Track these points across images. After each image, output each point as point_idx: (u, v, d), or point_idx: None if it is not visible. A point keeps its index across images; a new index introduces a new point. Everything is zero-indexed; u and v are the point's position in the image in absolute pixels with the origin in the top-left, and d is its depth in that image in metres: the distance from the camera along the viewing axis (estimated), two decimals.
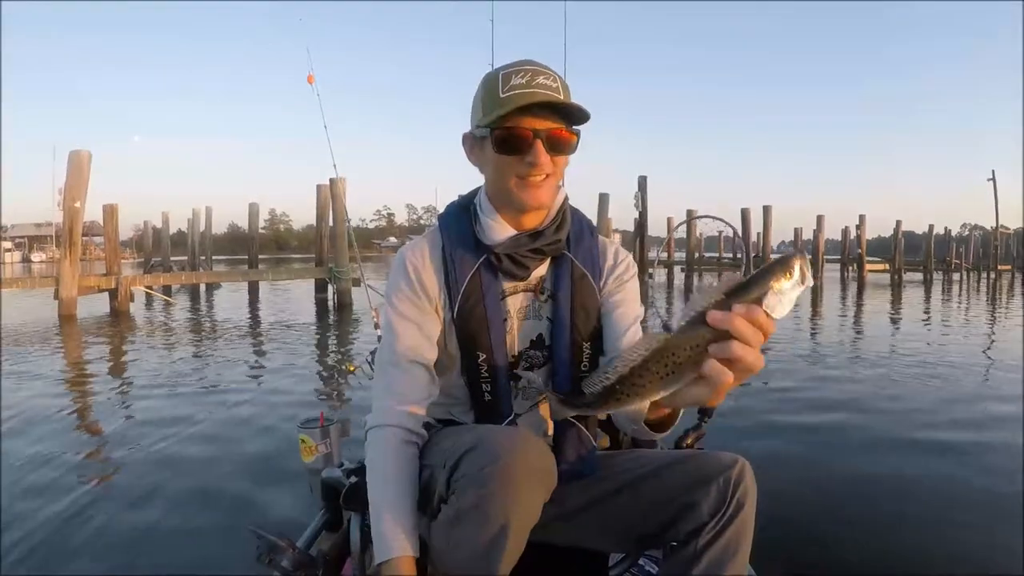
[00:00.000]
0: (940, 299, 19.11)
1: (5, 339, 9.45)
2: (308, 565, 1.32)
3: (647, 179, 18.64)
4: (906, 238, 32.67)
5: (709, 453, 1.27)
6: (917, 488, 3.44)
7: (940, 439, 4.32)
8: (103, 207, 15.58)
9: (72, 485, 3.45)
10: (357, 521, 1.40)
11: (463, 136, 1.32)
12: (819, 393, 5.78)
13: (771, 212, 25.93)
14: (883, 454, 4.04)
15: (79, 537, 2.83)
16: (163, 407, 5.21)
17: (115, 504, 3.20)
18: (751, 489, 1.19)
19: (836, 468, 3.77)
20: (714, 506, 1.17)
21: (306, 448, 1.72)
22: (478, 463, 1.04)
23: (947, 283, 27.82)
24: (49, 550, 2.71)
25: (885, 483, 3.51)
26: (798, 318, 12.10)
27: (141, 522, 2.98)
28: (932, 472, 3.68)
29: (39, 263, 53.38)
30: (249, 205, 24.64)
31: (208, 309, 15.38)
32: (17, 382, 6.28)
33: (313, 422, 1.74)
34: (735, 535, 1.17)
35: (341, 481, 1.48)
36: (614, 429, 1.66)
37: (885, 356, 8.00)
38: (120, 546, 2.75)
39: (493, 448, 1.04)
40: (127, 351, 8.70)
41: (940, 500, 3.28)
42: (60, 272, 12.58)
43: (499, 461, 1.02)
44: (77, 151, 12.50)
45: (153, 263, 29.79)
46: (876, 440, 4.32)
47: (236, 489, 3.37)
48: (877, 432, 4.52)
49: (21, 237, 67.20)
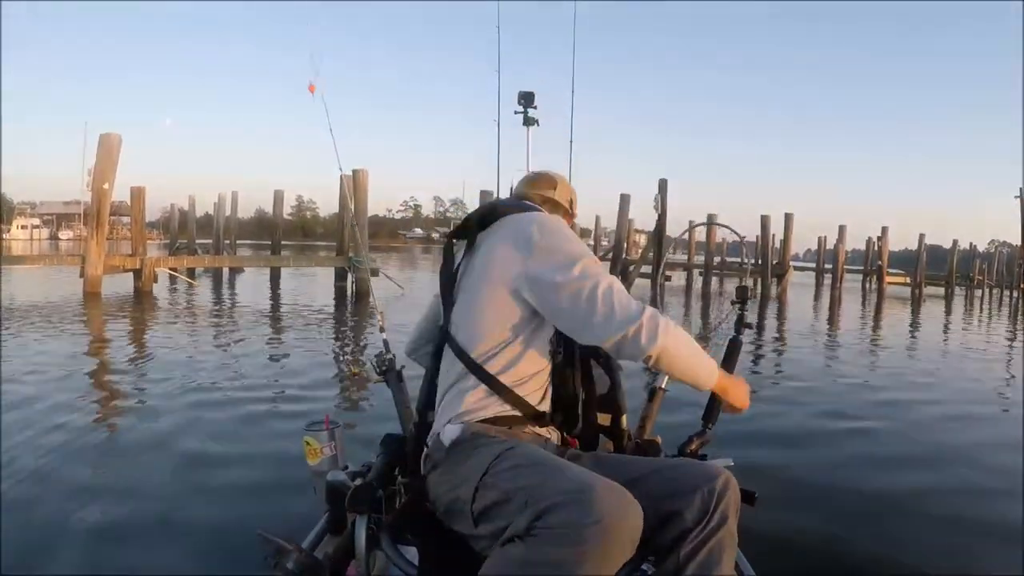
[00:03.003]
0: (960, 316, 18.81)
1: (32, 312, 9.71)
2: (313, 568, 1.31)
3: (667, 182, 18.50)
4: (933, 252, 32.10)
5: (696, 463, 1.32)
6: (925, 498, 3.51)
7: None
8: (131, 189, 15.87)
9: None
10: (362, 524, 1.39)
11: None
12: (823, 407, 5.76)
13: (792, 220, 25.50)
14: (894, 465, 4.09)
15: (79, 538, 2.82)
16: (162, 396, 5.23)
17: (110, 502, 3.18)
18: (735, 500, 1.24)
19: (840, 475, 3.83)
20: (697, 516, 1.20)
21: (311, 450, 1.73)
22: (576, 518, 1.00)
23: (969, 299, 27.33)
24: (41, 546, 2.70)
25: (892, 494, 3.57)
26: (815, 329, 11.92)
27: (140, 521, 2.97)
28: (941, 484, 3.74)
29: (66, 240, 54.13)
30: (274, 192, 24.83)
31: (229, 293, 15.57)
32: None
33: (318, 424, 1.76)
34: (718, 544, 1.20)
35: (346, 484, 1.48)
36: (618, 434, 1.69)
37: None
38: (114, 541, 2.77)
39: (596, 507, 1.01)
40: (144, 330, 8.90)
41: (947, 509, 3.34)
42: (87, 251, 12.83)
43: (601, 522, 1.00)
44: (108, 134, 12.74)
45: (179, 245, 30.12)
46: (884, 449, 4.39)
47: (236, 489, 3.36)
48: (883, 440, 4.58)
49: (49, 215, 68.04)
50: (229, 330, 9.32)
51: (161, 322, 9.98)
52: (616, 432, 1.69)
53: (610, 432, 1.68)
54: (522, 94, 3.20)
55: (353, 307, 12.90)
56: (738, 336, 1.91)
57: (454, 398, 1.40)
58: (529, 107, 3.20)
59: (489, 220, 1.46)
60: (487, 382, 1.37)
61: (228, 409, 4.86)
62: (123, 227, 43.19)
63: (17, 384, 5.32)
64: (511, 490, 1.13)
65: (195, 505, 3.11)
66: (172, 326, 9.55)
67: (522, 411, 1.40)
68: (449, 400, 1.41)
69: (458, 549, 1.28)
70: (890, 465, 4.15)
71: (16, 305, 10.90)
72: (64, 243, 51.48)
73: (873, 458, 4.28)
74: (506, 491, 1.14)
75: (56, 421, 4.31)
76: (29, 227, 61.30)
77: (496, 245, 1.40)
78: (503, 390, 1.37)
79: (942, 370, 8.41)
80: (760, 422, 4.77)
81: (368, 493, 1.40)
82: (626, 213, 20.80)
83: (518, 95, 3.21)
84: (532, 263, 1.33)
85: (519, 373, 1.39)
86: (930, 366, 8.69)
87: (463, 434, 1.33)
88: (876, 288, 27.96)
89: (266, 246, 26.11)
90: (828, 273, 29.37)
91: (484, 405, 1.37)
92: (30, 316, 9.59)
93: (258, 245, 36.29)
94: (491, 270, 1.38)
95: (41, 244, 51.95)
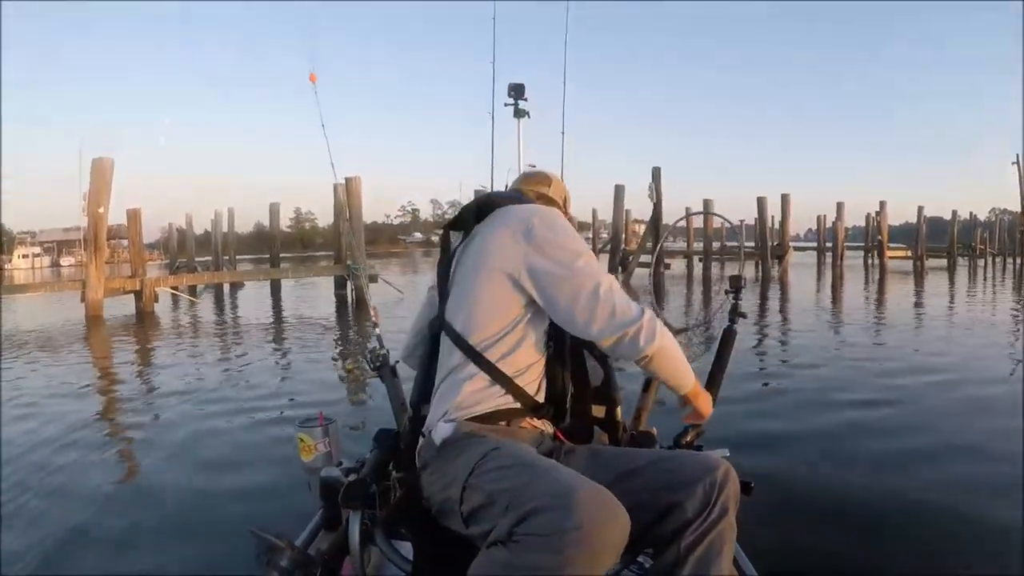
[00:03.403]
0: (965, 286, 18.78)
1: (39, 338, 9.80)
2: (306, 564, 1.30)
3: (661, 170, 18.48)
4: (934, 223, 32.00)
5: (694, 454, 1.31)
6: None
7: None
8: (127, 211, 15.92)
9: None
10: (356, 519, 1.39)
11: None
12: (821, 396, 5.54)
13: (790, 200, 25.44)
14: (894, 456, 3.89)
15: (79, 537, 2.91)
16: (160, 406, 5.33)
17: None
18: (734, 492, 1.23)
19: (840, 471, 3.66)
20: (698, 507, 1.19)
21: (305, 447, 1.72)
22: (558, 523, 0.97)
23: (972, 269, 27.26)
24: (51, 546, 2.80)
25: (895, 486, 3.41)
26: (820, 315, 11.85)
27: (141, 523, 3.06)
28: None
29: (68, 267, 54.27)
30: (270, 205, 24.90)
31: (231, 308, 15.63)
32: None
33: (312, 421, 1.74)
34: (719, 536, 1.20)
35: (340, 480, 1.48)
36: (613, 427, 1.67)
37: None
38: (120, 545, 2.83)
39: (577, 512, 0.97)
40: (147, 348, 8.92)
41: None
42: (87, 275, 12.89)
43: (583, 528, 0.96)
44: (100, 158, 12.80)
45: (178, 264, 30.21)
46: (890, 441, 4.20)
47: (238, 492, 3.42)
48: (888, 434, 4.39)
49: (49, 242, 68.18)
50: (231, 343, 9.39)
51: (163, 340, 10.02)
52: (611, 424, 1.67)
53: (605, 424, 1.67)
54: (512, 86, 3.15)
55: (354, 314, 12.93)
56: (732, 326, 1.88)
57: (451, 388, 1.36)
58: (520, 99, 3.16)
59: (486, 211, 1.42)
60: (487, 370, 1.34)
61: (232, 418, 4.93)
62: (123, 250, 43.32)
63: (24, 408, 5.37)
64: (495, 492, 1.11)
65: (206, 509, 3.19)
66: (173, 342, 9.60)
67: (522, 402, 1.36)
68: (445, 390, 1.37)
69: (452, 544, 1.26)
70: (899, 453, 3.92)
71: (21, 332, 10.99)
72: (66, 269, 51.62)
73: (885, 451, 3.96)
74: (490, 493, 1.12)
75: (69, 439, 4.40)
76: (30, 256, 61.44)
77: (494, 232, 1.37)
78: (503, 379, 1.34)
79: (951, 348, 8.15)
80: (759, 406, 4.74)
81: (362, 489, 1.39)
82: (622, 203, 20.80)
83: (508, 87, 3.16)
84: (532, 253, 1.31)
85: (517, 363, 1.35)
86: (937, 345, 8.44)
87: (454, 433, 1.30)
88: (878, 263, 27.90)
89: (266, 259, 26.20)
90: (829, 252, 29.32)
91: (483, 397, 1.34)
92: (34, 342, 9.66)
93: (259, 259, 36.47)
94: (489, 257, 1.35)
95: (43, 272, 52.06)
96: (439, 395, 1.39)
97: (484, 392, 1.34)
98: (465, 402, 1.33)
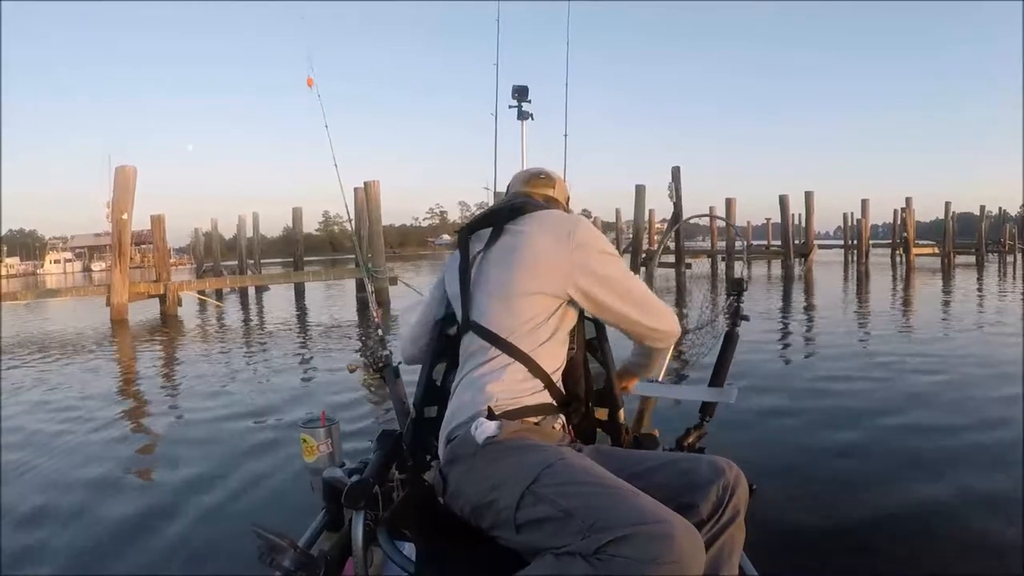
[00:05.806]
0: (995, 282, 18.36)
1: (65, 342, 10.04)
2: (309, 565, 1.29)
3: (680, 169, 18.35)
4: (963, 220, 31.36)
5: (705, 457, 1.30)
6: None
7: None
8: (151, 217, 16.18)
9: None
10: (359, 520, 1.39)
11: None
12: (824, 401, 5.25)
13: (813, 198, 25.01)
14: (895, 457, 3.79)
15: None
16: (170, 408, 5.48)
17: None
18: (744, 494, 1.24)
19: (841, 471, 3.62)
20: (711, 509, 1.20)
21: (307, 447, 1.72)
22: (656, 553, 0.97)
23: (1002, 266, 26.65)
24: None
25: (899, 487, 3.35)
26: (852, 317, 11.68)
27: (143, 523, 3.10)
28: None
29: (99, 271, 55.35)
30: (293, 209, 25.11)
31: (256, 311, 15.81)
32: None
33: (315, 422, 1.74)
34: (730, 538, 1.20)
35: (343, 480, 1.48)
36: (616, 428, 1.66)
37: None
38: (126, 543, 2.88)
39: (677, 547, 0.98)
40: (171, 349, 9.11)
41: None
42: (111, 280, 13.15)
43: (680, 563, 0.97)
44: (123, 166, 13.03)
45: (205, 268, 30.64)
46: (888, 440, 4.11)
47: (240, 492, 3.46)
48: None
49: (81, 247, 69.58)
50: (251, 345, 9.55)
51: (186, 342, 10.22)
52: (614, 427, 1.66)
53: (608, 427, 1.66)
54: (516, 88, 3.17)
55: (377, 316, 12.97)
56: (734, 328, 1.85)
57: (485, 379, 1.35)
58: (523, 101, 3.17)
59: (518, 214, 1.46)
60: (525, 363, 1.36)
61: (232, 419, 5.03)
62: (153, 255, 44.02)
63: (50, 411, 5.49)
64: (571, 508, 1.08)
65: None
66: (195, 345, 9.79)
67: (556, 399, 1.40)
68: (476, 382, 1.37)
69: (456, 544, 1.26)
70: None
71: (50, 335, 11.29)
72: (96, 274, 52.70)
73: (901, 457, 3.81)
74: (564, 509, 1.09)
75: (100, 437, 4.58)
76: (62, 261, 62.87)
77: (534, 236, 1.40)
78: (541, 374, 1.37)
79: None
80: (755, 415, 4.61)
81: (365, 489, 1.39)
82: (643, 203, 20.71)
83: (512, 89, 3.17)
84: (579, 258, 1.37)
85: (552, 362, 1.40)
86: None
87: (499, 432, 1.27)
88: (904, 261, 27.40)
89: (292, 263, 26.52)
90: (855, 250, 28.88)
91: (521, 391, 1.35)
92: (62, 346, 9.89)
93: (286, 262, 37.08)
94: (529, 259, 1.37)
95: (74, 277, 53.20)
96: (465, 385, 1.39)
97: (522, 385, 1.36)
98: (503, 395, 1.33)
